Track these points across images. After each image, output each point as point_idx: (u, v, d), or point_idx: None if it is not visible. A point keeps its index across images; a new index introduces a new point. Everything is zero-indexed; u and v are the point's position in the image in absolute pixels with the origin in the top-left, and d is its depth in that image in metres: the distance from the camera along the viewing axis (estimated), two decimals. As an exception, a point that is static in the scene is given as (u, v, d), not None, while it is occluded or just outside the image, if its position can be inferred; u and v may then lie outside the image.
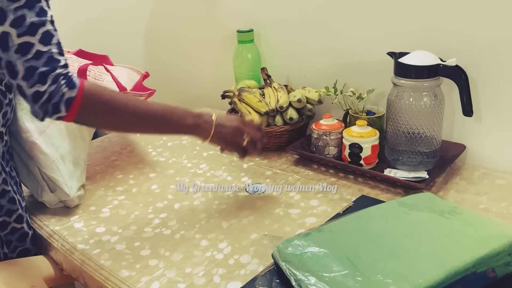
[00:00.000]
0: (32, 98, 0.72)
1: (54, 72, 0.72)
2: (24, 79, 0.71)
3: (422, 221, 0.74)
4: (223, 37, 1.42)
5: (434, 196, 0.83)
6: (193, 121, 0.84)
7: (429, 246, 0.66)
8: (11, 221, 0.88)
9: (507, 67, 0.94)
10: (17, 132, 0.92)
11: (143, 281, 0.74)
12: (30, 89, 0.72)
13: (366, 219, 0.76)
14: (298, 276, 0.64)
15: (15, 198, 0.88)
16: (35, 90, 0.72)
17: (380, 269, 0.63)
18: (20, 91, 0.73)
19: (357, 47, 1.13)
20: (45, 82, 0.72)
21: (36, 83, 0.71)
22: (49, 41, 0.73)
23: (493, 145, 1.00)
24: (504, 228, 0.71)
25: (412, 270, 0.62)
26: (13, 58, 0.71)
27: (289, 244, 0.71)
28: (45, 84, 0.72)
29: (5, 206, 0.86)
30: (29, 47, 0.71)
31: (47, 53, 0.72)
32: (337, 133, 1.05)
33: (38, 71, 0.71)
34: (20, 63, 0.71)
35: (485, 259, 0.63)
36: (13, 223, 0.88)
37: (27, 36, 0.70)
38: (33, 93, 0.72)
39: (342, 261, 0.65)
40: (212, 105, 1.53)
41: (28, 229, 0.91)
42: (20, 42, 0.70)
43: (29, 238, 0.91)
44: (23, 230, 0.90)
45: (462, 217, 0.74)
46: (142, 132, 0.91)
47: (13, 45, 0.70)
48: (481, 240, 0.66)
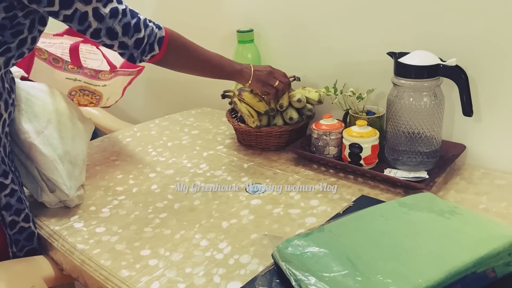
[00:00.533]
0: (134, 46, 0.87)
1: (140, 20, 0.87)
2: (124, 34, 0.85)
3: (422, 221, 0.74)
4: (223, 37, 1.42)
5: (434, 196, 0.83)
6: (239, 67, 1.06)
7: (429, 246, 0.66)
8: (20, 220, 0.88)
9: (507, 67, 0.94)
10: (15, 134, 0.92)
11: (143, 281, 0.74)
12: (131, 39, 0.86)
13: (366, 219, 0.76)
14: (298, 276, 0.64)
15: (22, 197, 0.89)
16: (135, 39, 0.87)
17: (380, 269, 0.63)
18: (122, 45, 0.87)
19: (357, 47, 1.14)
20: (140, 30, 0.87)
21: (134, 33, 0.86)
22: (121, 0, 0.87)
23: (493, 145, 1.00)
24: (504, 228, 0.71)
25: (412, 270, 0.62)
26: (110, 24, 0.83)
27: (289, 244, 0.71)
28: (140, 31, 0.87)
29: (14, 205, 0.87)
30: (115, 10, 0.83)
31: (127, 8, 0.86)
32: (337, 133, 1.05)
33: (132, 24, 0.86)
34: (116, 25, 0.84)
35: (485, 259, 0.63)
36: (21, 222, 0.88)
37: (110, 3, 0.83)
38: (134, 42, 0.87)
39: (342, 261, 0.65)
40: (212, 105, 1.53)
41: (34, 228, 0.91)
42: (109, 9, 0.82)
43: (35, 238, 0.92)
44: (30, 230, 0.90)
45: (462, 217, 0.74)
46: (202, 73, 1.04)
47: (105, 13, 0.82)
48: (481, 240, 0.66)
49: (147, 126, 1.41)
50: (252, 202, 0.94)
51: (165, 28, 0.92)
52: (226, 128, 1.34)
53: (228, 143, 1.24)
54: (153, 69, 1.82)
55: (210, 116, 1.46)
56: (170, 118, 1.47)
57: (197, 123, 1.40)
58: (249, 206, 0.93)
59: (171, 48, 0.92)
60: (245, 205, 0.94)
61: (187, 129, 1.36)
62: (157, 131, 1.36)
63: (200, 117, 1.45)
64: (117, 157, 1.20)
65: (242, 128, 1.16)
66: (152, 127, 1.39)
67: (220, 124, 1.38)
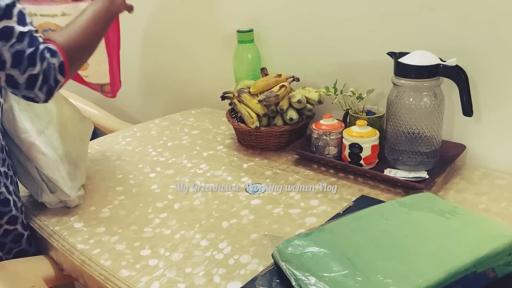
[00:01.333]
0: (27, 85, 0.69)
1: (38, 50, 0.70)
2: (14, 66, 0.68)
3: (422, 221, 0.73)
4: (223, 37, 1.42)
5: (434, 196, 0.83)
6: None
7: (429, 246, 0.66)
8: (3, 223, 0.87)
9: (507, 67, 0.94)
10: (15, 133, 0.91)
11: (143, 281, 0.74)
12: (23, 75, 0.68)
13: (366, 219, 0.76)
14: (298, 276, 0.64)
15: (9, 199, 0.87)
16: (28, 75, 0.69)
17: (380, 269, 0.63)
18: (11, 81, 0.69)
19: (357, 47, 1.13)
20: (35, 63, 0.69)
21: (28, 67, 0.68)
22: (25, 20, 0.70)
23: (493, 145, 1.00)
24: (504, 228, 0.71)
25: (412, 270, 0.62)
26: None
27: (289, 244, 0.71)
28: (35, 65, 0.69)
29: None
30: (9, 31, 0.67)
31: (28, 33, 0.69)
32: (337, 133, 1.05)
33: (26, 55, 0.68)
34: (5, 50, 0.67)
35: (485, 259, 0.63)
36: (5, 225, 0.87)
37: (4, 20, 0.66)
38: (27, 79, 0.69)
39: (342, 261, 0.65)
40: (212, 105, 1.53)
41: (23, 230, 0.90)
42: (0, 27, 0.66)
43: (24, 239, 0.91)
44: (17, 232, 0.90)
45: (462, 217, 0.74)
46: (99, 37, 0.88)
47: None
48: (481, 240, 0.66)
49: (147, 126, 1.41)
50: (252, 202, 0.94)
51: (59, 49, 0.74)
52: (226, 128, 1.34)
53: (228, 143, 1.24)
54: (153, 69, 1.82)
55: (210, 116, 1.46)
56: (170, 118, 1.47)
57: (197, 123, 1.40)
58: (249, 206, 0.93)
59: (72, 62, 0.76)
60: (245, 205, 0.94)
61: (187, 129, 1.36)
62: (157, 131, 1.36)
63: (200, 117, 1.45)
64: (117, 157, 1.20)
65: (242, 128, 1.16)
66: (152, 127, 1.39)
67: (220, 124, 1.38)
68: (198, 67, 1.57)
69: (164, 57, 1.67)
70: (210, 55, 1.50)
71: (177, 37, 1.58)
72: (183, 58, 1.61)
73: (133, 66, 1.81)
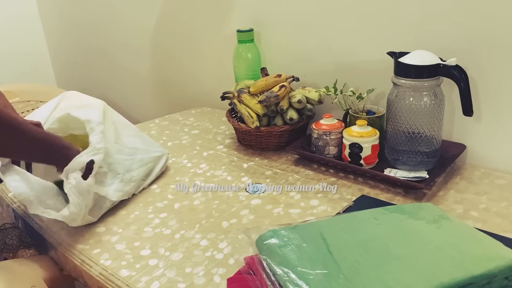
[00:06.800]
0: None
1: None
2: None
3: (417, 231, 0.69)
4: (223, 37, 1.42)
5: (435, 207, 0.78)
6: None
7: (420, 258, 0.62)
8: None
9: (507, 67, 0.94)
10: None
11: (143, 281, 0.74)
12: None
13: (358, 220, 0.72)
14: (278, 272, 0.62)
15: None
16: None
17: (364, 275, 0.59)
18: None
19: (357, 47, 1.14)
20: None
21: None
22: None
23: (493, 145, 1.01)
24: (503, 250, 0.65)
25: (397, 281, 0.57)
26: None
27: (275, 234, 0.68)
28: None
29: None
30: None
31: None
32: (337, 133, 1.05)
33: None
34: None
35: (478, 280, 0.58)
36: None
37: None
38: None
39: (325, 260, 0.62)
40: (212, 105, 1.53)
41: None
42: None
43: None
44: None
45: (461, 233, 0.69)
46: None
47: None
48: (477, 259, 0.61)
49: (147, 126, 1.41)
50: (252, 202, 0.94)
51: None
52: (226, 128, 1.34)
53: (228, 143, 1.24)
54: (153, 69, 1.82)
55: (210, 116, 1.46)
56: (170, 118, 1.47)
57: (197, 123, 1.40)
58: (249, 206, 0.93)
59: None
60: (245, 205, 0.94)
61: (187, 129, 1.36)
62: (157, 131, 1.36)
63: (200, 117, 1.46)
64: (117, 157, 1.20)
65: (242, 128, 1.16)
66: (152, 127, 1.39)
67: (220, 124, 1.38)
68: (198, 67, 1.57)
69: (164, 57, 1.67)
70: (210, 55, 1.51)
71: (177, 37, 1.58)
72: (183, 58, 1.61)
73: (133, 66, 1.81)
